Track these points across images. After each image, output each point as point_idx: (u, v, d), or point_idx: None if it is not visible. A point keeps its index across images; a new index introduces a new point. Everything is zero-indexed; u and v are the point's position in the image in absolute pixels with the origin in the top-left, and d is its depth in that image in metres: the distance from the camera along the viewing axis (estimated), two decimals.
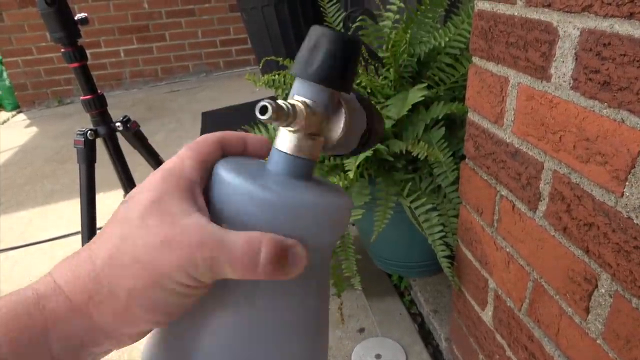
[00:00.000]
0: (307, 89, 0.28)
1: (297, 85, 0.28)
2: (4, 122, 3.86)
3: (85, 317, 0.23)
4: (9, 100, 4.11)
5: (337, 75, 0.27)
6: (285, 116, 0.26)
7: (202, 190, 0.27)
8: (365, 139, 0.31)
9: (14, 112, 4.09)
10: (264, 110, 0.25)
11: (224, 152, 0.29)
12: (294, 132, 0.28)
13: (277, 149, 0.29)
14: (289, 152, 0.28)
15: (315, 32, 0.27)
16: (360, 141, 0.31)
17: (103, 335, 0.23)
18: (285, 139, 0.28)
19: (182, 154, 0.27)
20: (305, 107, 0.27)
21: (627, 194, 0.50)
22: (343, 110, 0.29)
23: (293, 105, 0.26)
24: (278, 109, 0.25)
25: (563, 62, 0.57)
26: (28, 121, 3.82)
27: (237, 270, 0.23)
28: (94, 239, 0.24)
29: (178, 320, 0.27)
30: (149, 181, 0.25)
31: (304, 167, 0.29)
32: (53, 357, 0.22)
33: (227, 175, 0.26)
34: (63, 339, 0.22)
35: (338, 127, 0.29)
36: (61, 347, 0.22)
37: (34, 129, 3.57)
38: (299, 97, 0.28)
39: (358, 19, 1.13)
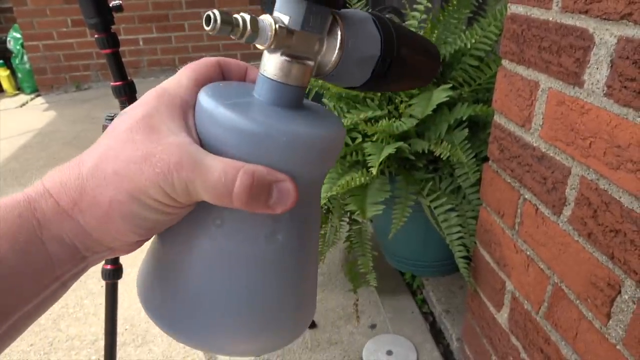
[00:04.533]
0: (282, 3, 0.25)
1: (277, 1, 0.26)
2: (23, 104, 3.92)
3: (73, 220, 0.24)
4: (28, 84, 4.16)
5: None
6: (236, 28, 0.23)
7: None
8: (380, 67, 0.28)
9: (32, 95, 4.14)
10: (207, 19, 0.23)
11: (225, 77, 0.29)
12: (273, 53, 0.25)
13: (262, 74, 0.26)
14: (274, 79, 0.26)
15: None
16: (375, 71, 0.28)
17: (92, 240, 0.24)
18: (270, 64, 0.26)
19: (181, 72, 0.27)
20: (273, 22, 0.24)
21: None
22: (338, 30, 0.26)
23: (253, 19, 0.24)
24: (224, 19, 0.23)
25: (597, 68, 0.58)
26: (46, 105, 3.87)
27: (211, 196, 0.23)
28: (88, 149, 0.25)
29: (164, 238, 0.27)
30: (145, 97, 0.26)
31: (292, 95, 0.27)
32: (49, 255, 0.23)
33: (208, 103, 0.25)
34: (56, 239, 0.24)
35: (332, 51, 0.26)
36: (55, 246, 0.24)
37: (52, 113, 3.62)
38: (276, 12, 0.25)
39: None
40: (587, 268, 0.64)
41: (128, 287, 1.57)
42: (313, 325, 1.34)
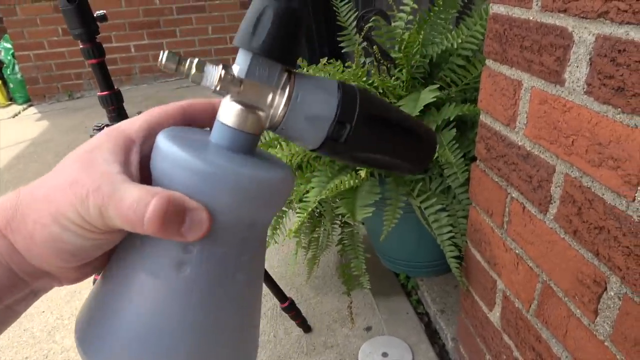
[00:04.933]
0: (239, 56, 0.27)
1: (238, 54, 0.27)
2: (15, 115, 3.90)
3: (5, 239, 0.25)
4: (20, 94, 4.15)
5: (249, 34, 0.26)
6: (180, 67, 0.26)
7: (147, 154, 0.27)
8: (335, 131, 0.28)
9: (24, 106, 4.13)
10: (161, 56, 0.26)
11: (190, 121, 0.30)
12: (229, 101, 0.27)
13: (217, 119, 0.28)
14: (226, 124, 0.27)
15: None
16: (330, 134, 0.28)
17: (26, 263, 0.25)
18: (224, 110, 0.27)
19: (139, 115, 0.28)
20: (222, 68, 0.26)
21: (639, 198, 0.51)
22: (288, 85, 0.27)
23: (199, 63, 0.26)
24: (169, 58, 0.26)
25: (577, 67, 0.58)
26: (39, 115, 3.86)
27: (123, 221, 0.23)
28: None
29: (103, 278, 0.28)
30: (97, 134, 0.27)
31: (243, 141, 0.28)
32: None
33: (161, 141, 0.26)
34: None
35: (280, 103, 0.27)
36: None
37: (44, 123, 3.61)
38: (235, 65, 0.27)
39: (371, 20, 1.14)
40: (573, 265, 0.64)
41: None
42: (308, 329, 1.34)
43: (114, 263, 0.28)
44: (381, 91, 1.17)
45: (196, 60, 0.26)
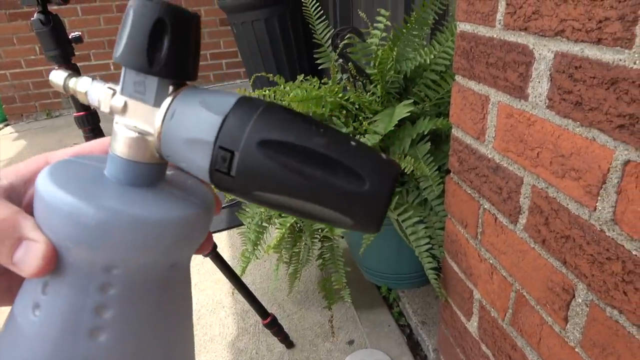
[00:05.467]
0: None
1: None
2: None
3: None
4: None
5: (128, 51, 0.22)
6: (67, 87, 0.26)
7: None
8: (218, 159, 0.22)
9: (1, 126, 4.06)
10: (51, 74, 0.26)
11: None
12: (117, 128, 0.24)
13: (109, 152, 0.25)
14: (115, 153, 0.24)
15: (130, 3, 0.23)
16: (213, 163, 0.22)
17: None
18: (114, 139, 0.24)
19: (24, 164, 0.28)
20: (107, 87, 0.24)
21: (600, 207, 0.53)
22: (166, 104, 0.23)
23: (85, 82, 0.25)
24: (55, 76, 0.26)
25: (539, 82, 0.60)
26: (16, 134, 3.80)
27: None
28: None
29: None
30: None
31: (139, 172, 0.24)
32: None
33: (40, 181, 0.23)
34: None
35: (156, 126, 0.23)
36: None
37: (22, 142, 3.55)
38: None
39: (346, 37, 1.17)
40: (544, 274, 0.66)
41: None
42: (291, 345, 1.33)
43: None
44: (357, 106, 1.19)
45: (85, 79, 0.25)
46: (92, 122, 0.97)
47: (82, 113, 0.96)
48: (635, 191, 0.48)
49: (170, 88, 0.23)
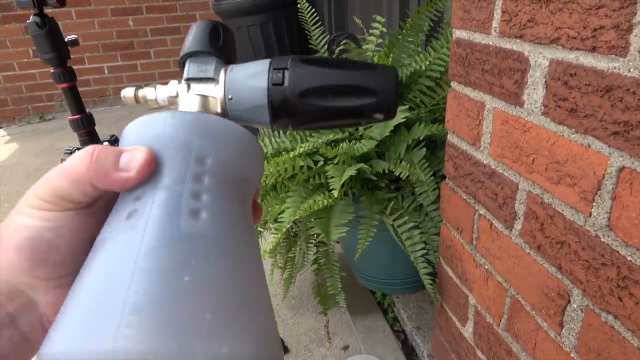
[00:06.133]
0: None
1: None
2: None
3: (11, 219, 0.25)
4: None
5: (193, 43, 0.32)
6: (139, 98, 0.33)
7: None
8: (274, 76, 0.31)
9: None
10: (122, 93, 0.33)
11: None
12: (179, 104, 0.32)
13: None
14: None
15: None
16: (270, 80, 0.31)
17: (4, 283, 0.24)
18: (184, 106, 0.32)
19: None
20: (173, 83, 0.33)
21: (595, 213, 0.53)
22: (222, 68, 0.32)
23: (153, 87, 0.33)
24: (127, 94, 0.33)
25: (534, 89, 0.61)
26: (8, 137, 3.77)
27: (68, 176, 0.25)
28: None
29: None
30: None
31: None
32: None
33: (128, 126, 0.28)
34: None
35: (220, 82, 0.32)
36: None
37: (14, 145, 3.52)
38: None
39: (342, 43, 1.17)
40: (539, 279, 0.66)
41: None
42: (285, 350, 1.32)
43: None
44: None
45: (147, 87, 0.32)
46: (87, 125, 0.97)
47: (77, 116, 0.95)
48: (630, 197, 0.49)
49: (217, 65, 0.32)
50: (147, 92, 0.32)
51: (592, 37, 0.50)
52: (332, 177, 1.00)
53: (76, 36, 0.93)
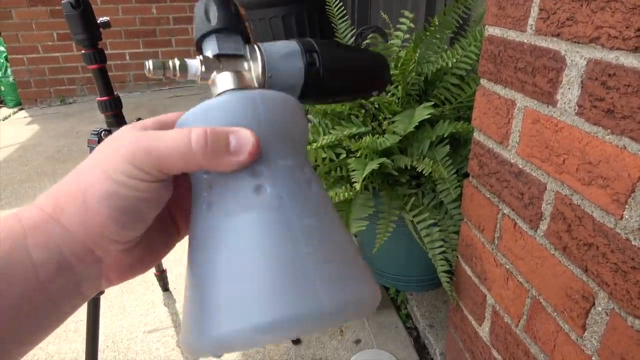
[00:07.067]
0: (205, 46, 0.32)
1: (203, 46, 0.32)
2: (5, 118, 3.87)
3: (56, 222, 0.25)
4: (11, 97, 4.12)
5: (206, 17, 0.31)
6: (167, 70, 0.30)
7: None
8: (308, 58, 0.34)
9: (15, 109, 4.09)
10: (145, 67, 0.30)
11: None
12: (214, 83, 0.31)
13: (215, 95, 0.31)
14: (220, 91, 0.31)
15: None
16: (306, 60, 0.34)
17: (78, 242, 0.25)
18: (216, 89, 0.31)
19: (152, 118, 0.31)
20: (203, 56, 0.31)
21: (627, 216, 0.53)
22: (255, 46, 0.33)
23: (180, 59, 0.30)
24: (155, 65, 0.29)
25: (569, 89, 0.60)
26: (30, 118, 3.83)
27: (173, 153, 0.25)
28: None
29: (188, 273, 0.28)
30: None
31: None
32: (34, 263, 0.24)
33: (184, 115, 0.29)
34: (40, 245, 0.24)
35: (257, 60, 0.32)
36: (40, 253, 0.24)
37: (35, 127, 3.58)
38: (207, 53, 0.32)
39: (369, 36, 1.17)
40: (563, 281, 0.66)
41: (110, 303, 1.55)
42: (298, 341, 1.33)
43: (196, 249, 0.27)
44: (377, 106, 1.19)
45: (175, 59, 0.30)
46: (114, 107, 0.98)
47: (105, 98, 0.97)
48: None
49: (244, 41, 0.33)
50: (178, 65, 0.30)
51: (635, 37, 0.49)
52: (354, 170, 1.00)
53: (108, 18, 0.94)
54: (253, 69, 0.32)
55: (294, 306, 0.23)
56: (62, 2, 0.87)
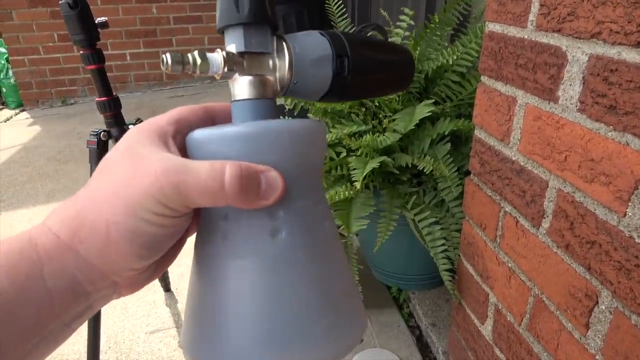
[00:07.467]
0: (227, 37, 0.28)
1: (225, 39, 0.29)
2: (7, 119, 3.88)
3: (73, 251, 0.24)
4: (12, 98, 4.12)
5: (235, 9, 0.27)
6: (187, 65, 0.26)
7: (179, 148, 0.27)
8: (338, 66, 0.30)
9: (17, 110, 4.10)
10: (162, 61, 0.26)
11: (211, 120, 0.30)
12: (235, 80, 0.28)
13: (232, 102, 0.29)
14: (240, 99, 0.28)
15: None
16: (335, 70, 0.30)
17: (95, 271, 0.25)
18: (235, 90, 0.29)
19: (161, 114, 0.29)
20: (221, 51, 0.27)
21: (630, 214, 0.52)
22: (283, 43, 0.29)
23: (201, 52, 0.27)
24: (175, 59, 0.26)
25: (570, 85, 0.60)
26: (31, 120, 3.84)
27: (204, 194, 0.24)
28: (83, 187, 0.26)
29: (191, 284, 0.29)
30: (127, 133, 0.27)
31: (263, 107, 0.29)
32: (49, 290, 0.24)
33: (197, 135, 0.27)
34: (57, 273, 0.24)
35: (283, 60, 0.29)
36: (56, 281, 0.24)
37: (36, 128, 3.59)
38: (225, 48, 0.28)
39: (369, 34, 1.16)
40: (565, 279, 0.65)
41: (112, 304, 1.55)
42: None
43: (203, 271, 0.28)
44: (377, 104, 1.19)
45: (196, 52, 0.27)
46: (113, 108, 0.98)
47: (104, 98, 0.96)
48: None
49: (274, 37, 0.29)
50: (199, 60, 0.27)
51: (637, 31, 0.49)
52: (355, 169, 1.00)
53: (106, 19, 0.93)
54: (278, 68, 0.29)
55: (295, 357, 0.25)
56: (60, 2, 0.86)
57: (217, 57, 0.27)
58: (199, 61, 0.26)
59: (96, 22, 0.91)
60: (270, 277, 0.26)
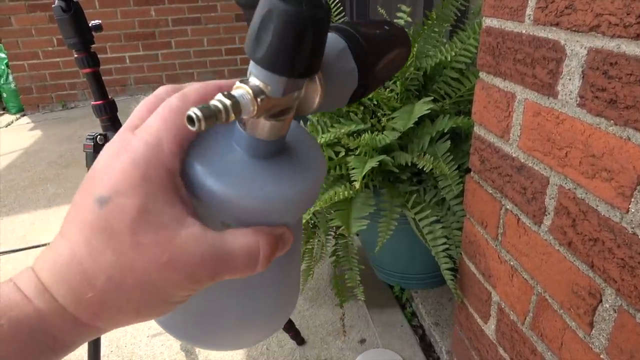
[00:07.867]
0: (260, 71, 0.23)
1: (252, 65, 0.23)
2: (8, 124, 3.88)
3: (93, 328, 0.24)
4: (13, 103, 4.13)
5: (289, 60, 0.22)
6: (220, 116, 0.21)
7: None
8: (364, 68, 0.28)
9: (17, 115, 4.11)
10: (190, 120, 0.21)
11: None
12: (253, 118, 0.24)
13: (244, 132, 0.25)
14: (258, 137, 0.25)
15: (264, 4, 0.21)
16: (361, 74, 0.29)
17: (87, 329, 0.25)
18: (251, 124, 0.25)
19: (158, 131, 0.23)
20: (253, 95, 0.22)
21: (633, 210, 0.51)
22: (317, 81, 0.25)
23: (234, 103, 0.22)
24: (207, 115, 0.21)
25: (570, 79, 0.58)
26: (32, 124, 3.84)
27: (238, 275, 0.25)
28: (78, 246, 0.22)
29: None
30: (126, 178, 0.22)
31: (275, 147, 0.26)
32: (53, 349, 0.23)
33: (204, 179, 0.24)
34: (68, 345, 0.24)
35: (313, 99, 0.26)
36: (65, 350, 0.24)
37: (37, 132, 3.59)
38: (253, 79, 0.23)
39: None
40: (568, 277, 0.64)
41: None
42: (302, 342, 1.32)
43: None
44: (375, 103, 1.18)
45: (229, 103, 0.22)
46: (109, 111, 0.97)
47: (100, 102, 0.96)
48: None
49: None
50: (231, 106, 0.22)
51: (636, 23, 0.48)
52: (354, 169, 0.99)
53: (100, 22, 0.93)
54: (303, 98, 0.25)
55: None
56: (53, 6, 0.86)
57: (250, 105, 0.23)
58: (231, 115, 0.22)
59: (90, 25, 0.90)
60: (242, 282, 0.27)
